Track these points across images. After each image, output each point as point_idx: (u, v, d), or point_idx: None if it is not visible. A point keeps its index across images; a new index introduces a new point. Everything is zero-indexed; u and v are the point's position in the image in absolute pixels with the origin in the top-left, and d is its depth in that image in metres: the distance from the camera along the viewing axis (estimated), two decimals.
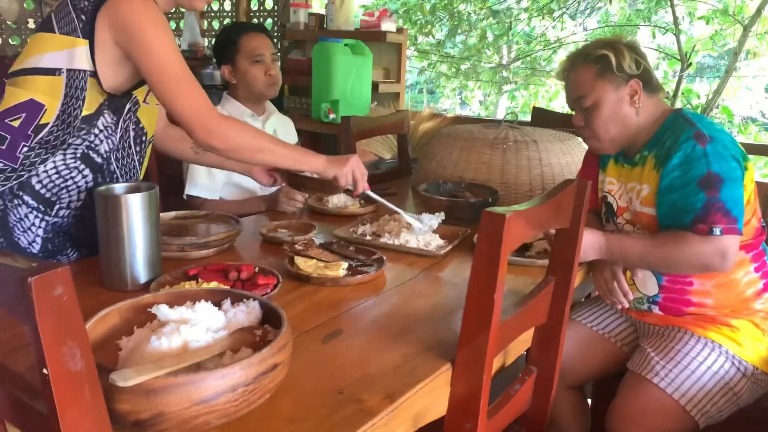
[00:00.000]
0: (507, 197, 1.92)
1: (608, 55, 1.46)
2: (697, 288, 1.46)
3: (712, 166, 1.33)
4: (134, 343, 0.86)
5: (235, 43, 2.09)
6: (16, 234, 1.38)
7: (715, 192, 1.32)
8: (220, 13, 4.46)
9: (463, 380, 0.98)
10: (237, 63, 2.10)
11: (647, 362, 1.45)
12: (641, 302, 1.55)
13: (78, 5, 1.30)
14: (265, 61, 2.10)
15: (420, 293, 1.32)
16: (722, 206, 1.31)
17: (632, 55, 1.47)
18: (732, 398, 1.40)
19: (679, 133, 1.41)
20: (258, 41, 2.10)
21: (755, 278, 1.46)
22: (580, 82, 1.51)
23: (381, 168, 2.92)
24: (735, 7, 4.53)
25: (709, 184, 1.33)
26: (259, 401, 0.79)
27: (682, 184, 1.36)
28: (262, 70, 2.10)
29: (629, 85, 1.47)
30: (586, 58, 1.50)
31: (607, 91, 1.47)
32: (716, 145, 1.35)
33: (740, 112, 5.43)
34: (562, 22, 6.30)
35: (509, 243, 0.90)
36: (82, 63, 1.31)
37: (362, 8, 5.54)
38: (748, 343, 1.42)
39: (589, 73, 1.49)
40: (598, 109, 1.49)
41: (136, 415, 0.72)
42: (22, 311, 0.56)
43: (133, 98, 1.44)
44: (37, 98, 1.32)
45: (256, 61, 2.09)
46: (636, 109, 1.48)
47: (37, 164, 1.35)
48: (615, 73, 1.46)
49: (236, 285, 1.23)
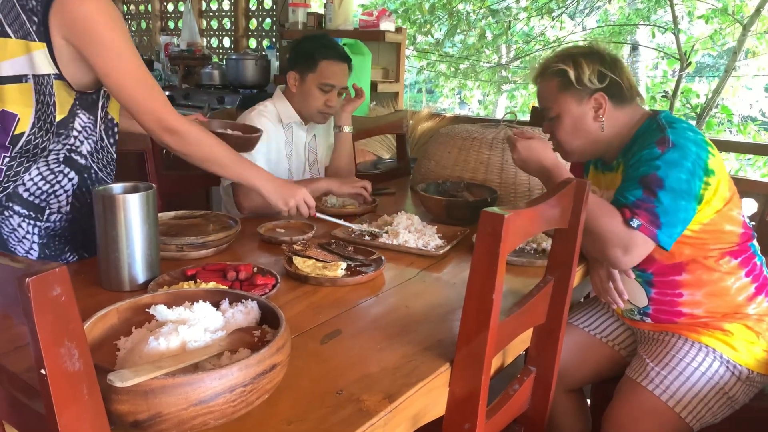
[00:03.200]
0: (506, 197, 1.92)
1: (567, 70, 1.43)
2: (687, 299, 1.45)
3: (660, 171, 1.31)
4: (132, 344, 0.86)
5: (314, 60, 2.01)
6: (12, 244, 1.37)
7: (651, 194, 1.30)
8: (219, 12, 4.45)
9: (462, 380, 0.98)
10: (306, 78, 2.02)
11: (642, 369, 1.45)
12: (633, 313, 1.54)
13: (26, 5, 1.24)
14: (332, 91, 2.03)
15: (419, 293, 1.32)
16: (652, 208, 1.29)
17: (594, 67, 1.43)
18: (727, 402, 1.40)
19: (648, 138, 1.39)
20: (336, 70, 2.02)
21: (746, 283, 1.44)
22: (545, 93, 1.50)
23: (380, 168, 2.92)
24: (734, 6, 4.53)
25: (649, 185, 1.31)
26: (257, 402, 0.79)
27: (626, 179, 1.36)
28: (323, 98, 2.02)
29: (594, 98, 1.44)
30: (547, 70, 1.49)
31: (569, 105, 1.46)
32: (675, 153, 1.32)
33: (739, 111, 5.43)
34: (561, 21, 6.30)
35: (508, 243, 0.90)
36: (44, 67, 1.27)
37: (361, 8, 5.53)
38: (742, 347, 1.41)
39: (552, 86, 1.48)
40: (560, 121, 1.48)
41: (134, 416, 0.72)
42: (20, 311, 0.56)
43: (103, 93, 1.41)
44: (8, 109, 1.28)
45: (324, 89, 2.01)
46: (600, 123, 1.45)
47: (21, 173, 1.33)
48: (577, 87, 1.44)
49: (235, 285, 1.23)
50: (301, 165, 2.15)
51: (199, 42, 4.31)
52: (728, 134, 5.33)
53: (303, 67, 2.03)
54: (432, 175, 2.07)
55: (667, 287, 1.46)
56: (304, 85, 2.03)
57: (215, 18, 4.49)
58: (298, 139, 2.12)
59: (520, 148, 1.47)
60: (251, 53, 3.96)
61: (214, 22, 4.50)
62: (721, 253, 1.42)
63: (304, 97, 2.04)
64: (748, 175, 4.90)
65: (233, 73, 3.76)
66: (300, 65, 2.04)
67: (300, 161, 2.14)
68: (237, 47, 4.32)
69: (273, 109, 2.06)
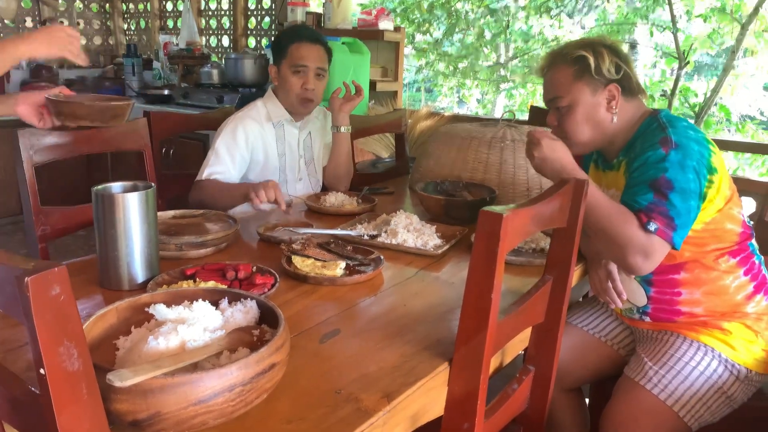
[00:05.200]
0: (504, 196, 1.92)
1: (587, 57, 1.42)
2: (686, 297, 1.45)
3: (668, 173, 1.31)
4: (131, 343, 0.86)
5: (284, 47, 2.03)
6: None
7: (662, 197, 1.30)
8: (218, 11, 4.45)
9: (460, 380, 0.98)
10: (281, 67, 2.04)
11: (641, 368, 1.45)
12: (632, 312, 1.54)
13: None
14: (306, 72, 2.02)
15: (417, 293, 1.32)
16: (665, 211, 1.29)
17: (612, 58, 1.43)
18: (725, 401, 1.40)
19: (650, 138, 1.38)
20: (306, 51, 2.02)
21: (745, 282, 1.44)
22: (557, 82, 1.48)
23: (378, 167, 2.92)
24: (733, 5, 4.53)
25: (659, 188, 1.31)
26: (256, 401, 0.79)
27: (635, 183, 1.35)
28: (300, 81, 2.02)
29: (607, 89, 1.44)
30: (564, 57, 1.47)
31: (583, 94, 1.45)
32: (679, 153, 1.32)
33: (738, 110, 5.43)
34: (559, 20, 6.30)
35: (507, 242, 0.90)
36: None
37: (360, 7, 5.53)
38: (740, 346, 1.42)
39: (567, 73, 1.46)
40: (572, 111, 1.46)
41: (134, 415, 0.72)
42: (20, 311, 0.56)
43: None
44: None
45: (296, 71, 2.01)
46: (612, 114, 1.45)
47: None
48: (593, 76, 1.43)
49: (234, 284, 1.23)
50: (295, 163, 2.14)
51: (198, 41, 4.31)
52: (726, 133, 5.33)
53: (278, 57, 2.06)
54: (431, 175, 2.07)
55: (666, 286, 1.46)
56: (281, 75, 2.05)
57: (214, 17, 4.48)
58: (291, 137, 2.12)
59: (544, 145, 1.41)
60: (250, 52, 3.96)
61: (213, 21, 4.50)
62: (721, 253, 1.42)
63: (284, 87, 2.05)
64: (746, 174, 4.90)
65: (232, 72, 3.76)
66: (276, 57, 2.07)
67: (294, 159, 2.14)
68: (236, 46, 4.31)
69: (262, 109, 2.07)
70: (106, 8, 5.13)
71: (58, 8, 4.80)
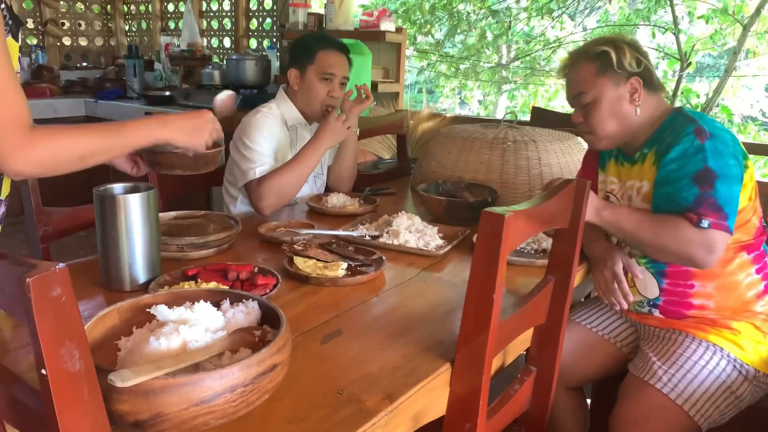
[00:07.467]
0: (506, 197, 1.92)
1: (609, 52, 1.46)
2: (699, 290, 1.46)
3: (709, 162, 1.33)
4: (133, 344, 0.86)
5: (312, 52, 2.02)
6: None
7: (708, 187, 1.32)
8: (219, 12, 4.46)
9: (462, 380, 0.98)
10: (306, 72, 2.03)
11: (649, 366, 1.44)
12: (641, 305, 1.54)
13: None
14: (333, 80, 2.03)
15: (419, 293, 1.32)
16: (714, 201, 1.31)
17: (633, 53, 1.47)
18: (734, 401, 1.40)
19: (680, 129, 1.41)
20: (335, 59, 2.03)
21: (756, 280, 1.45)
22: (581, 78, 1.51)
23: (380, 168, 2.92)
24: (734, 6, 4.52)
25: (704, 179, 1.33)
26: (258, 402, 0.79)
27: (677, 177, 1.37)
28: (326, 89, 2.03)
29: (629, 82, 1.47)
30: (586, 54, 1.51)
31: (606, 88, 1.48)
32: (715, 142, 1.35)
33: (740, 111, 5.42)
34: (561, 21, 6.29)
35: (508, 243, 0.90)
36: None
37: (361, 8, 5.53)
38: (749, 346, 1.42)
39: (590, 69, 1.50)
40: (597, 105, 1.49)
41: (135, 416, 0.72)
42: (21, 312, 0.56)
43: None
44: None
45: (324, 78, 2.02)
46: (636, 107, 1.48)
47: None
48: (615, 70, 1.47)
49: (235, 285, 1.23)
50: None
51: (200, 42, 4.31)
52: None
53: (302, 61, 2.04)
54: (432, 176, 2.07)
55: (679, 278, 1.47)
56: (305, 79, 2.03)
57: (216, 18, 4.49)
58: (302, 141, 2.11)
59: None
60: (252, 53, 3.97)
61: (214, 22, 4.50)
62: (740, 246, 1.44)
63: (306, 92, 2.04)
64: None
65: (234, 74, 3.76)
66: (299, 60, 2.04)
67: None
68: (237, 47, 4.32)
69: (277, 111, 2.05)
70: (108, 9, 5.14)
71: (59, 9, 4.81)
